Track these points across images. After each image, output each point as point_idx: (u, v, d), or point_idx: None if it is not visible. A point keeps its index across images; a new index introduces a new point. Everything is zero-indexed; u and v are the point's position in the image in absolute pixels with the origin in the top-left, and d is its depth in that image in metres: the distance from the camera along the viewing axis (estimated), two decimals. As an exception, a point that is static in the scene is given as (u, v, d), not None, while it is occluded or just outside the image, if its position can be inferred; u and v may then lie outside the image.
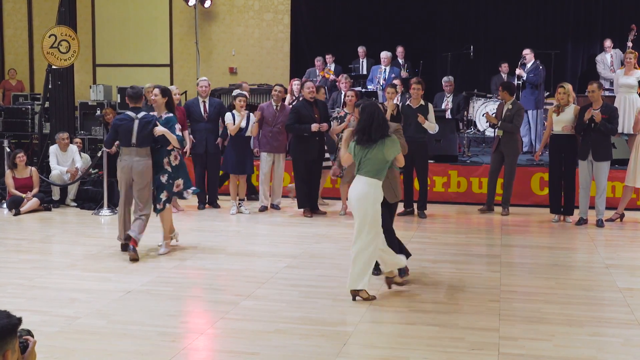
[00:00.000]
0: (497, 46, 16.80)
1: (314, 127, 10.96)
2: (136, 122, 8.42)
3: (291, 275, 7.69)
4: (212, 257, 8.55)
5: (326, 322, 6.15)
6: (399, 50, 15.94)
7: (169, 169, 8.64)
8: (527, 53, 14.10)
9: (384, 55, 15.43)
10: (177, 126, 8.59)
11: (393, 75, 15.13)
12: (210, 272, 7.91)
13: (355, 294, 6.74)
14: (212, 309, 6.60)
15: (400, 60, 15.91)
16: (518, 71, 14.12)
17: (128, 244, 8.35)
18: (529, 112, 14.01)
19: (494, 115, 11.90)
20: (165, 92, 8.66)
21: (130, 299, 6.79)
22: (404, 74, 15.42)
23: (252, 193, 12.39)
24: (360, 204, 6.69)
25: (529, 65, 14.04)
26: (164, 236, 8.80)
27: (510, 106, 11.36)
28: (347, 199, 11.02)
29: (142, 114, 8.49)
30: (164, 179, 8.60)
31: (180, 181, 8.73)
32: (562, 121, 10.62)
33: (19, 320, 2.83)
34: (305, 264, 8.12)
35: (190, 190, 8.90)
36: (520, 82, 14.05)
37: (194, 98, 12.08)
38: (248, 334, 5.80)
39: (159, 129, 8.39)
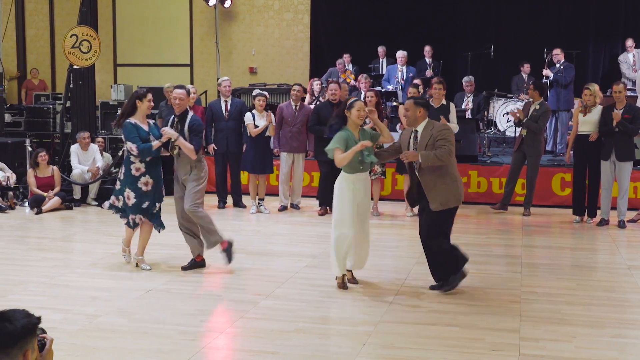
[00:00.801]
0: (517, 46, 16.68)
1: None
2: None
3: (311, 275, 7.69)
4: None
5: (346, 321, 6.15)
6: (427, 49, 15.91)
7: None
8: (557, 53, 13.98)
9: (400, 54, 15.41)
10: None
11: (411, 74, 15.10)
12: (230, 272, 7.92)
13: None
14: (232, 308, 6.62)
15: (428, 60, 15.90)
16: (545, 71, 14.02)
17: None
18: (555, 113, 13.93)
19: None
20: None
21: (150, 298, 6.82)
22: (428, 73, 15.38)
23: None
24: None
25: (558, 65, 13.93)
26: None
27: (537, 106, 11.25)
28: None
29: None
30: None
31: (128, 194, 7.82)
32: (588, 122, 10.52)
33: (39, 319, 2.84)
34: (325, 264, 8.10)
35: (132, 217, 7.92)
36: (547, 82, 13.97)
37: (216, 98, 12.11)
38: (268, 333, 5.81)
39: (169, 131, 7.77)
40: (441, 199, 6.82)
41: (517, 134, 11.74)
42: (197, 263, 7.94)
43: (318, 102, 12.53)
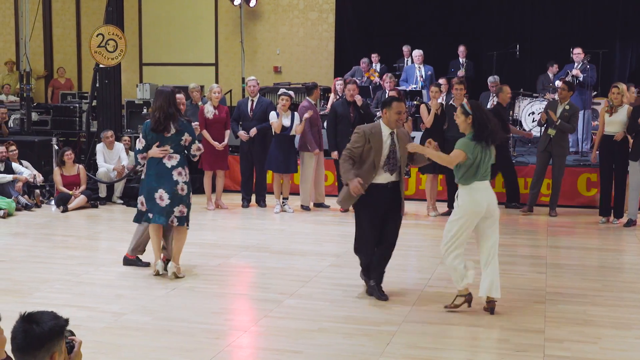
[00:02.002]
0: (543, 45, 16.59)
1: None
2: None
3: (335, 274, 7.69)
4: (256, 256, 8.59)
5: (370, 321, 6.14)
6: (461, 49, 15.83)
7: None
8: (579, 52, 13.87)
9: (417, 53, 15.34)
10: (197, 146, 7.62)
11: (429, 72, 15.05)
12: (254, 270, 7.95)
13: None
14: (255, 306, 6.64)
15: (462, 60, 15.83)
16: (575, 71, 13.90)
17: None
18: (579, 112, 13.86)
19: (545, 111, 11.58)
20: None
21: (175, 296, 6.85)
22: (461, 72, 15.32)
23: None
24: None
25: (578, 65, 13.81)
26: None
27: (567, 106, 11.14)
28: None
29: None
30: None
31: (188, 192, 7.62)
32: (614, 122, 10.43)
33: (66, 321, 2.85)
34: (349, 263, 8.09)
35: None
36: (576, 82, 13.87)
37: (244, 97, 12.16)
38: (291, 332, 5.81)
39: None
40: None
41: (542, 134, 11.60)
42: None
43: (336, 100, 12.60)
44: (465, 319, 6.24)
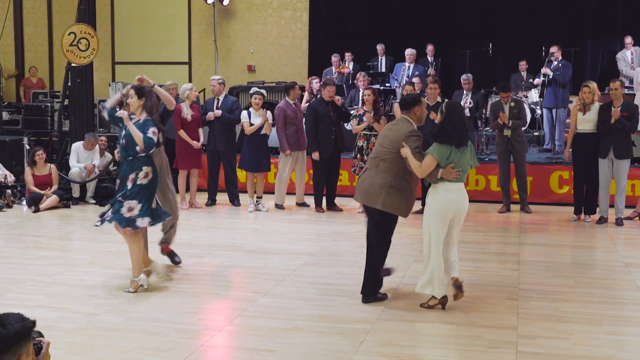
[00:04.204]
0: (516, 43, 16.71)
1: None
2: None
3: (309, 273, 7.69)
4: (229, 255, 8.57)
5: (344, 319, 6.15)
6: (429, 48, 15.88)
7: (129, 186, 6.98)
8: (555, 50, 13.97)
9: (409, 52, 15.33)
10: (152, 129, 6.99)
11: (417, 72, 15.07)
12: (228, 270, 7.93)
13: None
14: (230, 306, 6.62)
15: (430, 58, 15.87)
16: (544, 69, 14.00)
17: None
18: (553, 110, 13.95)
19: (493, 115, 11.66)
20: (141, 92, 7.24)
21: (148, 296, 6.82)
22: (430, 71, 15.37)
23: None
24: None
25: (555, 62, 13.91)
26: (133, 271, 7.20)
27: (512, 103, 11.33)
28: None
29: None
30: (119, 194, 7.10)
31: (134, 204, 6.92)
32: (587, 120, 10.51)
33: (33, 323, 2.82)
34: (322, 262, 8.12)
35: (145, 220, 6.97)
36: (546, 80, 13.97)
37: (212, 97, 12.15)
38: (266, 332, 5.81)
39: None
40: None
41: (497, 137, 11.63)
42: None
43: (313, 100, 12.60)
44: (439, 317, 6.26)
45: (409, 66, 15.30)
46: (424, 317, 6.28)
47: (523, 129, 11.83)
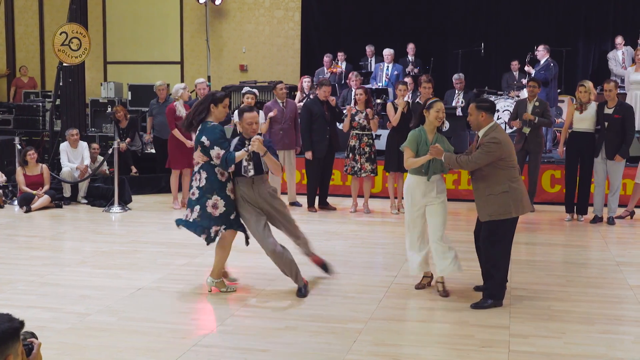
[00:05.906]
0: (508, 43, 16.73)
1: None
2: None
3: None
4: (222, 254, 8.54)
5: (336, 319, 6.14)
6: (410, 47, 15.89)
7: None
8: (540, 50, 14.00)
9: (387, 52, 15.37)
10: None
11: (396, 72, 15.09)
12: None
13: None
14: (222, 306, 6.61)
15: (410, 58, 15.88)
16: (527, 68, 14.03)
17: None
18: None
19: (515, 114, 11.61)
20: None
21: (140, 296, 6.80)
22: (410, 69, 15.39)
23: None
24: None
25: (542, 61, 13.93)
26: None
27: (537, 103, 11.19)
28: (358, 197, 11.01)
29: None
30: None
31: (217, 201, 6.96)
32: (585, 119, 10.51)
33: (21, 323, 2.80)
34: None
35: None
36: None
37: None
38: (258, 331, 5.80)
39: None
40: (488, 210, 6.65)
41: (517, 133, 11.53)
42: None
43: (308, 99, 12.59)
44: (431, 316, 6.27)
45: (388, 66, 15.31)
46: (417, 316, 6.29)
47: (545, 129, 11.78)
